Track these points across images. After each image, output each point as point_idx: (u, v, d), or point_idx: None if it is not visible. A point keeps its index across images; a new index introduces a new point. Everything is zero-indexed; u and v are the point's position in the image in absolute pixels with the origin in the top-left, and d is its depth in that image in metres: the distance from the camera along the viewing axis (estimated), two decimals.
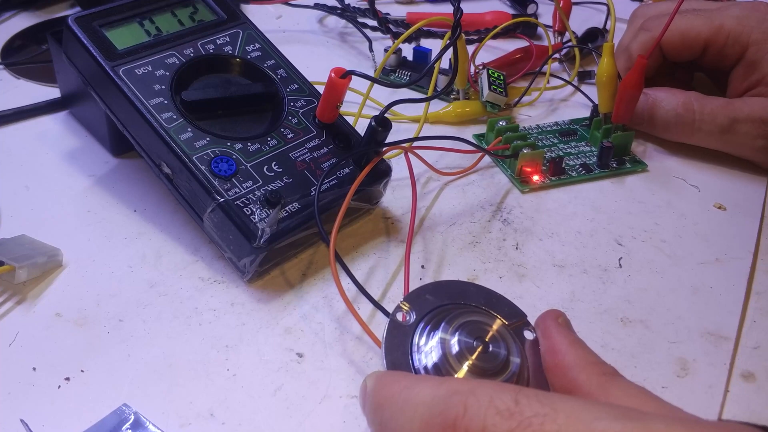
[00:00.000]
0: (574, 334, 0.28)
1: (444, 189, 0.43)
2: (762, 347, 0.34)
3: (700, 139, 0.46)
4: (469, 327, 0.28)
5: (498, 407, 0.22)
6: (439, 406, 0.23)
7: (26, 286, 0.35)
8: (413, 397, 0.24)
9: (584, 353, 0.27)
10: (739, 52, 0.46)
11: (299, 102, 0.40)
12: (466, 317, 0.29)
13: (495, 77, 0.49)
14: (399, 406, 0.24)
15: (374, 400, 0.25)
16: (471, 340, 0.28)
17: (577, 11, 0.65)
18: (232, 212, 0.34)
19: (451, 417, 0.22)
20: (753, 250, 0.39)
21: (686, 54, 0.48)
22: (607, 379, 0.25)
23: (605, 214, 0.42)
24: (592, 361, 0.26)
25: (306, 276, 0.36)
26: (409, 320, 0.29)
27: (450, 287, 0.31)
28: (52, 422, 0.28)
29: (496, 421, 0.21)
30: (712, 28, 0.46)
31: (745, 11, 0.46)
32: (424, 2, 0.71)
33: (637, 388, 0.25)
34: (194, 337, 0.33)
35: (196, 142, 0.36)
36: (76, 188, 0.42)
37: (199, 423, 0.29)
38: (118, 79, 0.36)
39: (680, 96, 0.46)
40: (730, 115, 0.44)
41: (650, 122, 0.47)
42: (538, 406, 0.21)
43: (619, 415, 0.21)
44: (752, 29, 0.45)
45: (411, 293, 0.30)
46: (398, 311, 0.29)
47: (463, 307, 0.30)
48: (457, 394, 0.23)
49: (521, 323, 0.30)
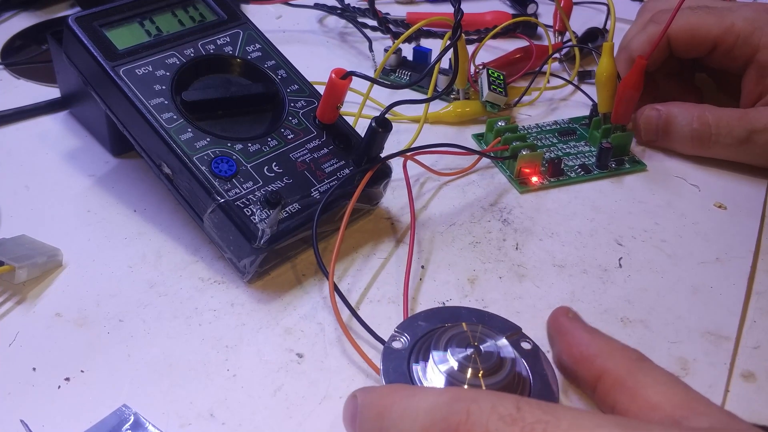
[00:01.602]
0: (588, 325, 0.29)
1: (444, 189, 0.43)
2: (762, 347, 0.34)
3: (717, 152, 0.45)
4: (456, 339, 0.29)
5: (501, 413, 0.22)
6: (442, 413, 0.23)
7: (26, 286, 0.35)
8: (415, 405, 0.24)
9: (606, 340, 0.27)
10: (749, 54, 0.45)
11: (299, 102, 0.40)
12: (450, 332, 0.29)
13: (495, 77, 0.49)
14: (399, 414, 0.24)
15: (372, 411, 0.25)
16: (464, 349, 0.28)
17: (577, 11, 0.65)
18: (232, 213, 0.34)
19: (454, 422, 0.22)
20: (753, 250, 0.39)
21: (694, 51, 0.47)
22: (635, 364, 0.26)
23: (605, 214, 0.42)
24: (617, 347, 0.27)
25: (306, 276, 0.36)
26: (403, 346, 0.30)
27: (442, 313, 0.32)
28: (52, 422, 0.28)
29: (499, 426, 0.22)
30: (722, 27, 0.45)
31: (757, 13, 0.45)
32: (424, 2, 0.71)
33: (665, 375, 0.25)
34: (194, 337, 0.33)
35: (196, 142, 0.36)
36: (76, 188, 0.42)
37: (199, 423, 0.29)
38: (119, 79, 0.36)
39: (694, 110, 0.46)
40: (747, 126, 0.44)
41: (665, 138, 0.47)
42: (540, 413, 0.22)
43: (621, 425, 0.21)
44: (763, 31, 0.44)
45: (404, 322, 0.31)
46: (393, 340, 0.30)
47: (447, 326, 0.31)
48: (460, 401, 0.23)
49: (517, 335, 0.31)
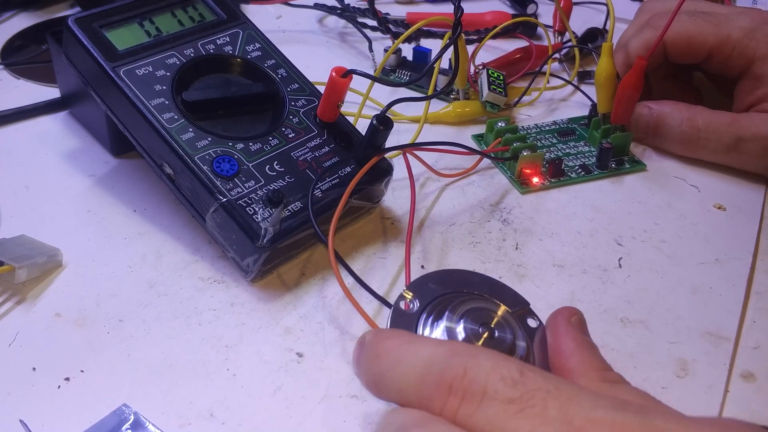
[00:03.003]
0: (583, 336, 0.27)
1: (443, 189, 0.43)
2: (762, 347, 0.34)
3: (705, 155, 0.46)
4: (473, 314, 0.28)
5: (502, 374, 0.21)
6: (438, 365, 0.22)
7: (26, 286, 0.35)
8: (412, 352, 0.23)
9: (590, 358, 0.26)
10: (744, 65, 0.45)
11: (300, 101, 0.40)
12: (470, 304, 0.29)
13: (495, 77, 0.49)
14: (396, 358, 0.24)
15: (371, 351, 0.25)
16: (476, 327, 0.28)
17: (577, 11, 0.65)
18: (234, 212, 0.34)
19: (449, 377, 0.22)
20: (753, 250, 0.39)
21: (689, 58, 0.48)
22: (608, 387, 0.25)
23: (605, 214, 0.42)
24: (597, 366, 0.26)
25: (306, 276, 0.36)
26: (412, 308, 0.29)
27: (453, 276, 0.31)
28: (51, 422, 0.28)
29: (499, 387, 0.21)
30: (719, 37, 0.45)
31: (754, 23, 0.45)
32: (423, 2, 0.71)
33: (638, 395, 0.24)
34: (194, 337, 0.33)
35: (197, 142, 0.36)
36: (76, 188, 0.42)
37: (199, 423, 0.29)
38: (119, 79, 0.36)
39: (685, 112, 0.46)
40: (736, 133, 0.44)
41: (655, 137, 0.47)
42: (542, 381, 0.21)
43: (619, 406, 0.21)
44: (759, 43, 0.44)
45: (414, 282, 0.30)
46: (401, 300, 0.29)
47: (465, 295, 0.30)
48: (459, 355, 0.22)
49: (524, 311, 0.30)
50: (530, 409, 0.21)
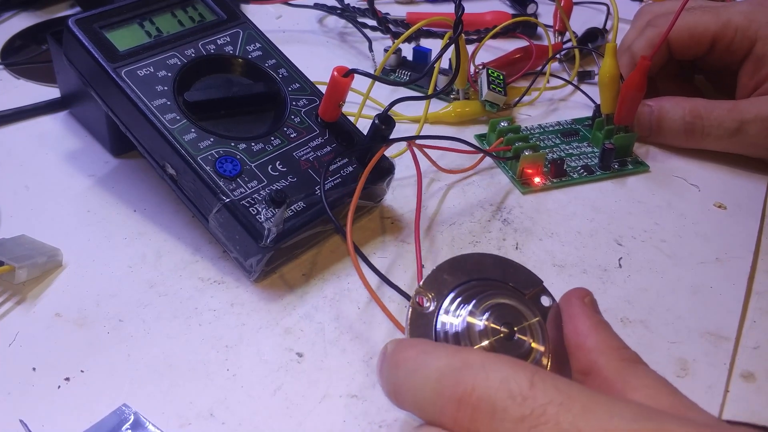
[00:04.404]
0: (598, 316, 0.28)
1: (444, 189, 0.43)
2: (762, 347, 0.34)
3: (710, 143, 0.46)
4: (499, 311, 0.28)
5: (511, 390, 0.21)
6: (450, 378, 0.22)
7: (26, 286, 0.35)
8: (428, 362, 0.24)
9: (607, 336, 0.26)
10: (747, 48, 0.46)
11: (301, 101, 0.40)
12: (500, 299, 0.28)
13: (494, 77, 0.49)
14: (414, 367, 0.24)
15: (391, 361, 0.25)
16: (498, 326, 0.27)
17: (577, 11, 0.65)
18: (237, 212, 0.34)
19: (458, 392, 0.22)
20: (753, 250, 0.39)
21: (694, 50, 0.48)
22: (626, 365, 0.25)
23: (605, 214, 0.42)
24: (614, 345, 0.26)
25: (306, 276, 0.36)
26: (429, 307, 0.29)
27: (465, 262, 0.30)
28: (51, 422, 0.28)
29: (507, 405, 0.21)
30: (719, 23, 0.46)
31: (752, 6, 0.46)
32: (424, 2, 0.71)
33: (655, 378, 0.24)
34: (194, 337, 0.33)
35: (200, 142, 0.36)
36: (76, 188, 0.42)
37: (199, 423, 0.29)
38: (121, 80, 0.36)
39: (686, 103, 0.46)
40: (738, 117, 0.44)
41: (658, 132, 0.47)
42: (553, 392, 0.21)
43: (636, 415, 0.20)
44: (760, 24, 0.45)
45: (428, 277, 0.30)
46: (418, 295, 0.29)
47: (486, 283, 0.29)
48: (469, 368, 0.22)
49: (539, 290, 0.30)
50: (543, 426, 0.20)
